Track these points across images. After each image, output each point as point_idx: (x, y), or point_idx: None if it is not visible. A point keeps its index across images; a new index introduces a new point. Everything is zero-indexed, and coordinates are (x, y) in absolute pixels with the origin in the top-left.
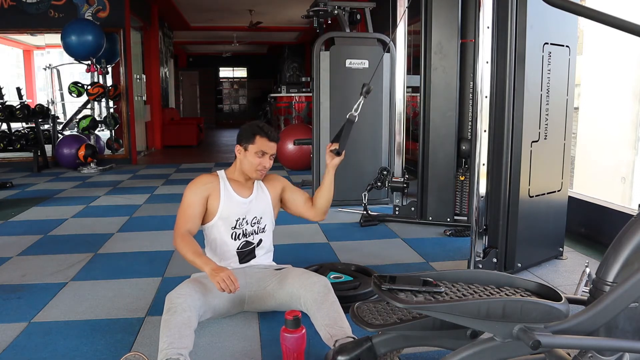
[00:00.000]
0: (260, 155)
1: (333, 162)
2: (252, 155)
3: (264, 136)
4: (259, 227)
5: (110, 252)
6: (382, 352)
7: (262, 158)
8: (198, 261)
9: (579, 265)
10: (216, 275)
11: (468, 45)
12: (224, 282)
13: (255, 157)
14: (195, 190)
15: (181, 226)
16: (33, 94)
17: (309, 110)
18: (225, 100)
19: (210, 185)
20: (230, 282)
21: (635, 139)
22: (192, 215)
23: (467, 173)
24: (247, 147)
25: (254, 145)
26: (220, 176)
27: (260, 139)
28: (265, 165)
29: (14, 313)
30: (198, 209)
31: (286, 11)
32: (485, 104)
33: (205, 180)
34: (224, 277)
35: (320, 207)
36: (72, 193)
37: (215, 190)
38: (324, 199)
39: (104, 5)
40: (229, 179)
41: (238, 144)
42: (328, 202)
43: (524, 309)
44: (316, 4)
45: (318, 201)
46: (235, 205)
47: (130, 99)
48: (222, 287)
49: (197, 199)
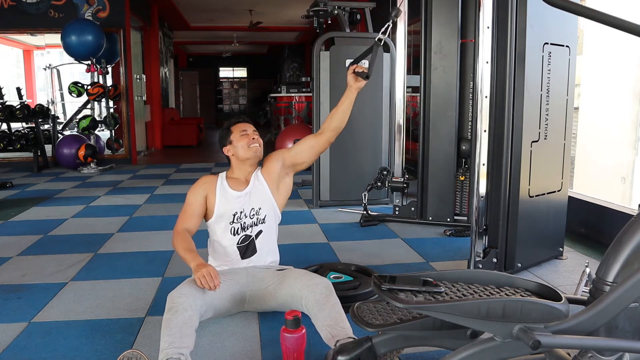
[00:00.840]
0: (243, 134)
1: (358, 84)
2: (238, 140)
3: (235, 122)
4: (258, 218)
5: (110, 252)
6: (382, 352)
7: (247, 135)
8: (187, 257)
9: (579, 265)
10: (198, 271)
11: (468, 45)
12: (204, 278)
13: (241, 139)
14: (196, 189)
15: (179, 224)
16: (33, 94)
17: (309, 110)
18: (225, 100)
19: (208, 185)
20: (211, 278)
21: (635, 139)
22: (191, 214)
23: (467, 173)
24: (230, 140)
25: (234, 133)
26: (219, 176)
27: (234, 126)
28: (254, 138)
29: (14, 313)
30: (197, 208)
31: (286, 11)
32: (485, 104)
33: (204, 180)
34: (205, 274)
35: (335, 127)
36: (72, 193)
37: (212, 189)
38: (340, 119)
39: (104, 5)
40: (228, 177)
41: (223, 147)
42: (343, 123)
43: (524, 309)
44: (316, 4)
45: (334, 121)
46: (231, 200)
47: (130, 99)
48: (202, 284)
49: (197, 198)
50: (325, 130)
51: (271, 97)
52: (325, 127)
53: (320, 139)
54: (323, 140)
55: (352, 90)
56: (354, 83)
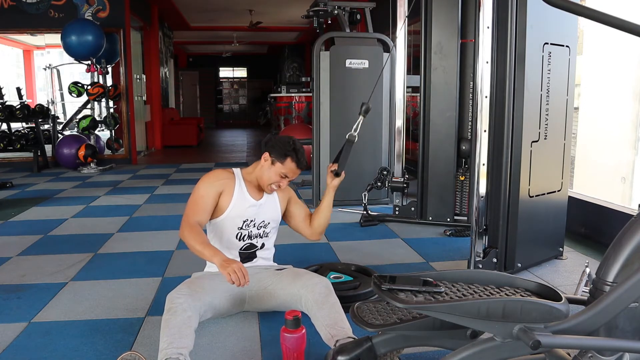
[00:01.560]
0: (282, 176)
1: (333, 183)
2: (275, 173)
3: (295, 162)
4: (264, 231)
5: (110, 252)
6: (382, 352)
7: (283, 179)
8: (207, 252)
9: (579, 265)
10: (227, 266)
11: (468, 45)
12: (235, 274)
13: (276, 176)
14: (212, 183)
15: (191, 216)
16: (33, 94)
17: (309, 110)
18: (225, 100)
19: (226, 182)
20: (242, 274)
21: (635, 139)
22: (204, 208)
23: (467, 173)
24: (275, 162)
25: (282, 165)
26: (236, 174)
27: (291, 162)
28: (280, 186)
29: (14, 313)
30: (210, 202)
31: (286, 11)
32: (485, 104)
33: (221, 175)
34: (236, 269)
35: (318, 226)
36: (72, 193)
37: (230, 187)
38: (322, 219)
39: (104, 5)
40: (245, 179)
41: (268, 154)
42: (326, 223)
43: (524, 309)
44: (316, 4)
45: (316, 221)
46: (246, 206)
47: (130, 99)
48: (233, 280)
49: (211, 192)
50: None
51: (271, 97)
52: (312, 221)
53: (307, 228)
54: (307, 233)
55: (329, 190)
56: (330, 182)
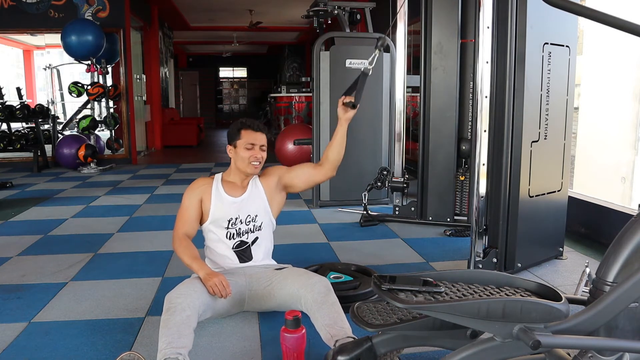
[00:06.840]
0: (249, 147)
1: (347, 115)
2: (242, 150)
3: (248, 128)
4: (254, 225)
5: (110, 252)
6: (382, 352)
7: (252, 150)
8: (194, 265)
9: (579, 265)
10: (209, 279)
11: (468, 45)
12: (216, 286)
13: (245, 151)
14: (192, 192)
15: (179, 229)
16: (33, 94)
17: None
18: (225, 100)
19: (203, 188)
20: (222, 287)
21: (635, 139)
22: (189, 219)
23: (467, 173)
24: (236, 143)
25: (241, 139)
26: (215, 179)
27: (246, 131)
28: (257, 157)
29: (14, 313)
30: (194, 211)
31: (286, 11)
32: (485, 104)
33: (199, 183)
34: (217, 282)
35: (332, 160)
36: (72, 193)
37: (207, 193)
38: (335, 153)
39: (104, 5)
40: (224, 180)
41: (229, 144)
42: (340, 156)
43: (524, 309)
44: (316, 4)
45: (330, 155)
46: (227, 206)
47: (130, 99)
48: (214, 292)
49: (193, 201)
50: (323, 163)
51: (271, 97)
52: (323, 160)
53: (319, 171)
54: (321, 173)
55: (342, 122)
56: (343, 115)
